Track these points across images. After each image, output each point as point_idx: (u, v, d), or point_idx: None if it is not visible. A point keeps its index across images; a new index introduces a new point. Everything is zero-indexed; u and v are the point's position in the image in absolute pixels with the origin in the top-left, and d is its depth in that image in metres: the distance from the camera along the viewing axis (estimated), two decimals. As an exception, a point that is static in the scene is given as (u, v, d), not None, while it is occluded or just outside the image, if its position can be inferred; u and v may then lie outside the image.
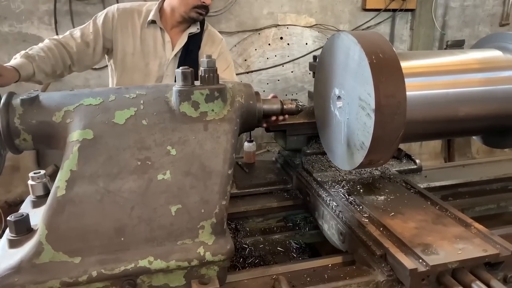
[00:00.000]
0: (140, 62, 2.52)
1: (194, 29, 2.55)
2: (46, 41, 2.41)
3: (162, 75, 2.55)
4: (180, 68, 1.32)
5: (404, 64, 1.44)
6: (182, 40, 2.53)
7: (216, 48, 2.65)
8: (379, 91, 1.38)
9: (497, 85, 1.70)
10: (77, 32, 2.47)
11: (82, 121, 1.26)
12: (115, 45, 2.50)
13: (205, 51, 2.58)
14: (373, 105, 1.39)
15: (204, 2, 2.43)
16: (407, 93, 1.41)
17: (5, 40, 4.07)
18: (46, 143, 1.32)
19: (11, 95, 1.29)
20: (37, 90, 1.34)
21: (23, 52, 2.27)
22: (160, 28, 2.51)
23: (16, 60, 2.17)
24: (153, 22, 2.49)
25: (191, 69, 1.33)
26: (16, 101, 1.27)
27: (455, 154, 4.84)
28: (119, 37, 2.49)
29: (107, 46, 2.51)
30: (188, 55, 2.55)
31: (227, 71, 2.66)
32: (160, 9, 2.53)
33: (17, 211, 1.35)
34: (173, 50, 2.52)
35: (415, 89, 1.57)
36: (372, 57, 1.41)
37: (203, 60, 1.36)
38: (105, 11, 2.53)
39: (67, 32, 2.49)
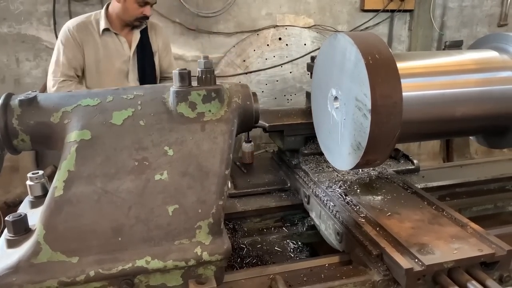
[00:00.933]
0: (107, 65, 2.94)
1: (143, 25, 2.99)
2: (62, 90, 2.80)
3: (127, 71, 2.99)
4: (177, 69, 1.33)
5: (400, 65, 1.45)
6: (135, 37, 2.99)
7: (161, 36, 3.16)
8: (375, 91, 1.39)
9: (494, 85, 1.71)
10: (61, 61, 2.84)
11: (80, 122, 1.26)
12: (85, 59, 2.91)
13: (153, 41, 3.09)
14: (369, 106, 1.39)
15: (145, 15, 2.88)
16: (404, 93, 1.42)
17: (4, 41, 4.07)
18: (44, 144, 1.33)
19: (9, 96, 1.30)
20: (35, 91, 1.35)
21: None
22: (114, 33, 2.93)
23: None
24: (106, 29, 2.90)
25: (188, 70, 1.34)
26: (14, 102, 1.28)
27: (454, 154, 4.85)
28: (85, 49, 2.88)
29: (82, 60, 2.91)
30: (144, 49, 3.03)
31: (168, 55, 3.21)
32: (107, 16, 2.92)
33: (16, 211, 1.36)
34: (130, 48, 2.98)
35: (411, 90, 1.58)
36: (368, 58, 1.42)
37: (200, 61, 1.36)
38: (60, 34, 2.90)
39: (58, 64, 2.85)
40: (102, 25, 2.87)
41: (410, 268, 1.25)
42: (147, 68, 3.05)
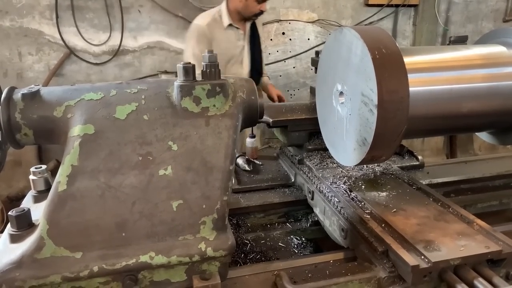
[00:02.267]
0: (228, 55, 3.39)
1: (255, 17, 3.46)
2: None
3: (241, 58, 3.49)
4: (182, 63, 1.32)
5: (407, 60, 1.43)
6: (247, 29, 3.49)
7: (260, 25, 3.68)
8: (381, 86, 1.37)
9: (501, 81, 1.69)
10: (198, 56, 3.15)
11: (83, 116, 1.25)
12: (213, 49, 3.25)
13: (260, 31, 3.62)
14: (375, 101, 1.38)
15: (262, 10, 3.36)
16: (410, 88, 1.40)
17: (7, 35, 4.06)
18: (47, 138, 1.31)
19: (12, 90, 1.28)
20: (38, 85, 1.33)
21: None
22: (235, 27, 3.41)
23: None
24: (229, 25, 3.38)
25: (193, 64, 1.32)
26: (17, 96, 1.26)
27: (457, 150, 4.82)
28: (213, 42, 3.28)
29: None
30: (254, 37, 3.54)
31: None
32: (229, 12, 3.36)
33: (19, 205, 1.35)
34: (244, 38, 3.48)
35: (418, 85, 1.56)
36: (375, 53, 1.40)
37: (204, 55, 1.35)
38: (194, 33, 3.33)
39: (196, 59, 3.18)
40: (226, 21, 3.35)
41: (416, 265, 1.24)
42: (256, 54, 3.52)
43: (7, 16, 4.03)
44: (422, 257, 1.28)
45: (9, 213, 1.23)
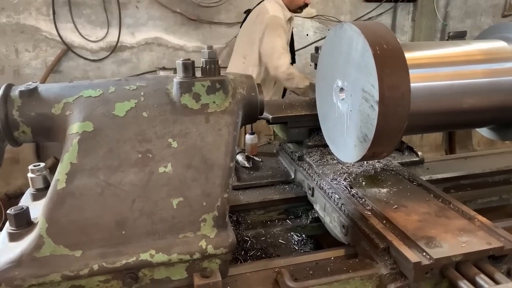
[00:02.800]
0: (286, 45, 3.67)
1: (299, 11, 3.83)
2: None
3: (288, 49, 3.73)
4: (181, 59, 1.30)
5: (408, 55, 1.42)
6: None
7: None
8: (383, 82, 1.36)
9: (502, 76, 1.68)
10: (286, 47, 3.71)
11: (82, 113, 1.24)
12: None
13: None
14: (376, 97, 1.37)
15: (306, 3, 3.67)
16: (411, 84, 1.39)
17: (3, 31, 4.04)
18: (46, 136, 1.30)
19: (9, 87, 1.27)
20: (36, 82, 1.32)
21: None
22: (289, 20, 3.74)
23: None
24: (289, 18, 3.71)
25: (192, 60, 1.31)
26: (15, 93, 1.25)
27: (456, 146, 4.83)
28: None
29: None
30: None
31: None
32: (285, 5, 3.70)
33: (17, 203, 1.34)
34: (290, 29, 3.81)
35: (419, 81, 1.55)
36: (376, 48, 1.39)
37: (204, 51, 1.33)
38: (277, 25, 3.56)
39: (285, 51, 3.62)
40: (288, 14, 3.65)
41: (418, 261, 1.23)
42: (292, 48, 3.82)
43: (4, 12, 4.00)
44: (424, 253, 1.28)
45: (8, 211, 1.22)
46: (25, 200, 1.45)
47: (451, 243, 1.32)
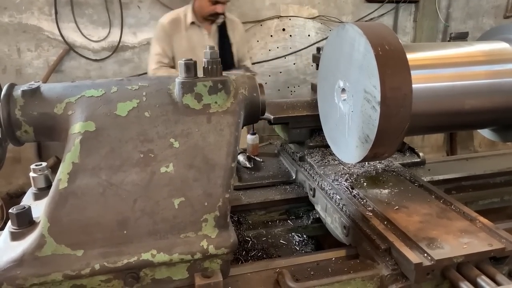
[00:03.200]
0: (192, 55, 3.22)
1: (221, 19, 3.45)
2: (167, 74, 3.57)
3: None
4: (183, 59, 1.30)
5: (410, 56, 1.42)
6: (213, 29, 3.48)
7: (238, 30, 3.65)
8: (385, 83, 1.36)
9: (504, 77, 1.68)
10: (158, 51, 3.44)
11: (84, 113, 1.24)
12: (173, 49, 3.43)
13: (231, 34, 3.56)
14: (378, 98, 1.37)
15: (216, 12, 3.34)
16: (413, 85, 1.39)
17: (5, 31, 4.04)
18: (48, 135, 1.30)
19: (11, 86, 1.27)
20: (38, 82, 1.32)
21: None
22: (198, 26, 3.42)
23: None
24: (192, 23, 3.41)
25: (194, 60, 1.31)
26: (17, 93, 1.25)
27: (458, 147, 4.82)
28: (174, 42, 3.40)
29: (172, 51, 3.46)
30: (223, 40, 3.53)
31: (244, 45, 3.72)
32: (194, 11, 3.41)
33: (19, 202, 1.34)
34: (209, 39, 3.44)
35: (421, 82, 1.55)
36: (378, 49, 1.39)
37: (206, 51, 1.34)
38: (156, 31, 3.48)
39: (154, 59, 3.45)
40: (189, 18, 3.41)
41: (420, 262, 1.23)
42: (227, 58, 3.47)
43: (6, 12, 4.00)
44: (425, 254, 1.28)
45: (10, 210, 1.22)
46: (27, 200, 1.46)
47: (453, 244, 1.32)
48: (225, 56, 3.47)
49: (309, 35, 4.74)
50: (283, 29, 4.68)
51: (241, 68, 3.68)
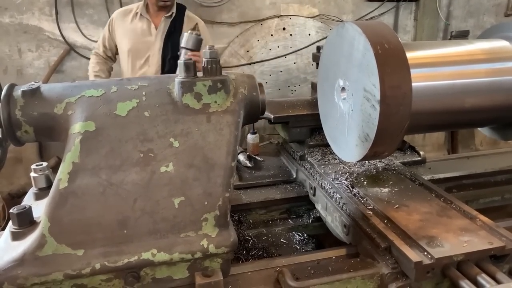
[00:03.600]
0: (132, 47, 3.28)
1: (170, 13, 3.27)
2: (92, 58, 3.49)
3: (149, 54, 3.28)
4: (183, 59, 1.31)
5: (409, 55, 1.42)
6: (164, 24, 3.28)
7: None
8: (384, 82, 1.36)
9: (504, 76, 1.68)
10: (99, 40, 3.44)
11: (84, 113, 1.24)
12: (117, 41, 3.36)
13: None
14: (378, 96, 1.37)
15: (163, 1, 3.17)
16: (413, 84, 1.39)
17: (6, 31, 4.04)
18: (48, 135, 1.31)
19: (12, 87, 1.28)
20: (38, 82, 1.32)
21: (92, 74, 3.45)
22: (145, 18, 3.27)
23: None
24: (140, 14, 3.26)
25: (193, 60, 1.31)
26: (17, 93, 1.26)
27: (459, 145, 4.82)
28: (117, 32, 3.32)
29: (114, 42, 3.39)
30: (171, 36, 3.28)
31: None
32: (146, 4, 3.29)
33: (20, 202, 1.35)
34: (157, 33, 3.25)
35: (420, 80, 1.55)
36: (377, 48, 1.39)
37: (205, 51, 1.34)
38: (109, 19, 3.39)
39: (96, 45, 3.50)
40: (137, 9, 3.27)
41: (420, 261, 1.23)
42: (170, 58, 3.25)
43: (7, 12, 4.00)
44: (425, 253, 1.28)
45: (11, 210, 1.22)
46: (28, 200, 1.46)
47: (453, 243, 1.31)
48: (166, 55, 3.26)
49: (309, 34, 4.73)
50: (284, 28, 4.67)
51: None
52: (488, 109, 1.71)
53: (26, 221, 1.23)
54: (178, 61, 1.31)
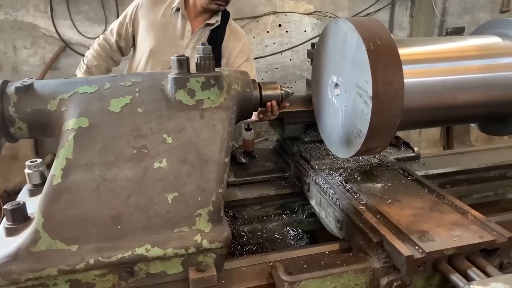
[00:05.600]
0: (154, 48, 2.52)
1: (214, 20, 2.55)
2: (95, 45, 2.60)
3: None
4: (175, 55, 1.31)
5: (402, 51, 1.43)
6: (202, 30, 2.55)
7: (239, 43, 2.64)
8: (376, 78, 1.37)
9: (496, 72, 1.69)
10: (114, 25, 2.62)
11: (77, 109, 1.25)
12: (138, 33, 2.59)
13: (228, 45, 2.59)
14: (370, 92, 1.38)
15: (218, 4, 2.47)
16: (405, 80, 1.40)
17: (1, 28, 4.03)
18: (42, 132, 1.31)
19: (5, 83, 1.28)
20: (32, 78, 1.33)
21: (83, 68, 2.55)
22: (183, 16, 2.52)
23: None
24: (177, 9, 2.51)
25: (186, 56, 1.31)
26: (11, 89, 1.26)
27: (454, 141, 4.84)
28: (140, 24, 2.54)
29: (133, 34, 2.61)
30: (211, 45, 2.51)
31: (245, 64, 2.63)
32: None
33: (16, 199, 1.35)
34: (192, 38, 2.54)
35: (413, 76, 1.56)
36: (369, 44, 1.40)
37: (198, 47, 1.34)
38: (135, 1, 2.60)
39: (109, 28, 2.66)
40: (176, 3, 2.50)
41: (411, 255, 1.25)
42: None
43: (1, 9, 3.99)
44: (417, 247, 1.29)
45: (5, 206, 1.23)
46: (23, 196, 1.47)
47: (444, 237, 1.33)
48: None
49: (305, 31, 4.74)
50: (279, 25, 4.67)
51: None
52: (480, 105, 1.72)
53: (20, 217, 1.23)
54: (171, 57, 1.31)
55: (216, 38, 2.57)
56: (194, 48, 2.51)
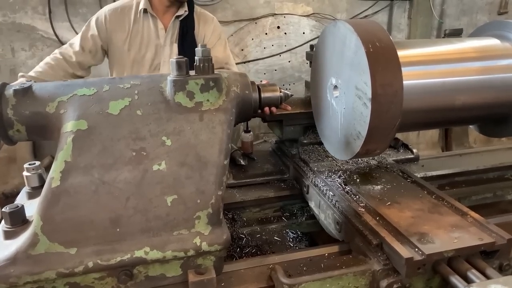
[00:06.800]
0: (136, 56, 2.62)
1: (182, 11, 2.61)
2: (47, 58, 2.59)
3: (159, 62, 2.67)
4: (175, 57, 1.31)
5: (401, 53, 1.43)
6: (173, 24, 2.62)
7: (209, 26, 2.74)
8: (375, 80, 1.37)
9: (495, 73, 1.70)
10: (75, 41, 2.62)
11: (76, 112, 1.25)
12: (110, 45, 2.64)
13: (200, 31, 2.68)
14: (369, 94, 1.38)
15: None
16: (404, 82, 1.40)
17: (-1, 30, 4.02)
18: (40, 134, 1.31)
19: (3, 86, 1.28)
20: (30, 81, 1.32)
21: (25, 75, 2.48)
22: (152, 16, 2.58)
23: (17, 82, 2.19)
24: (145, 11, 2.56)
25: (185, 58, 1.31)
26: (9, 92, 1.26)
27: (453, 143, 4.85)
28: (113, 37, 2.58)
29: (104, 47, 2.65)
30: (185, 39, 2.64)
31: (218, 43, 2.72)
32: None
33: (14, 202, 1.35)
34: (166, 35, 2.61)
35: (412, 78, 1.56)
36: (368, 46, 1.40)
37: (197, 49, 1.34)
38: (96, 15, 2.63)
39: (67, 44, 2.66)
40: (141, 5, 2.54)
41: (410, 257, 1.24)
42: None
43: (-1, 11, 3.99)
44: (416, 249, 1.29)
45: (3, 209, 1.22)
46: (21, 199, 1.46)
47: (443, 239, 1.33)
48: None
49: (304, 33, 4.75)
50: (278, 27, 4.68)
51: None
52: (479, 106, 1.72)
53: (19, 220, 1.23)
54: (170, 60, 1.31)
55: (187, 27, 2.64)
56: (171, 44, 2.64)
